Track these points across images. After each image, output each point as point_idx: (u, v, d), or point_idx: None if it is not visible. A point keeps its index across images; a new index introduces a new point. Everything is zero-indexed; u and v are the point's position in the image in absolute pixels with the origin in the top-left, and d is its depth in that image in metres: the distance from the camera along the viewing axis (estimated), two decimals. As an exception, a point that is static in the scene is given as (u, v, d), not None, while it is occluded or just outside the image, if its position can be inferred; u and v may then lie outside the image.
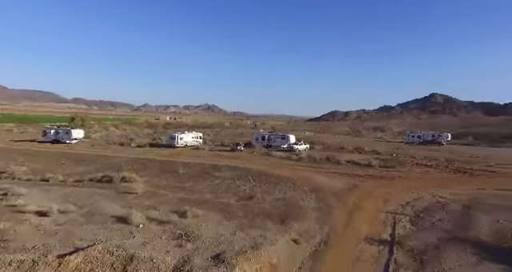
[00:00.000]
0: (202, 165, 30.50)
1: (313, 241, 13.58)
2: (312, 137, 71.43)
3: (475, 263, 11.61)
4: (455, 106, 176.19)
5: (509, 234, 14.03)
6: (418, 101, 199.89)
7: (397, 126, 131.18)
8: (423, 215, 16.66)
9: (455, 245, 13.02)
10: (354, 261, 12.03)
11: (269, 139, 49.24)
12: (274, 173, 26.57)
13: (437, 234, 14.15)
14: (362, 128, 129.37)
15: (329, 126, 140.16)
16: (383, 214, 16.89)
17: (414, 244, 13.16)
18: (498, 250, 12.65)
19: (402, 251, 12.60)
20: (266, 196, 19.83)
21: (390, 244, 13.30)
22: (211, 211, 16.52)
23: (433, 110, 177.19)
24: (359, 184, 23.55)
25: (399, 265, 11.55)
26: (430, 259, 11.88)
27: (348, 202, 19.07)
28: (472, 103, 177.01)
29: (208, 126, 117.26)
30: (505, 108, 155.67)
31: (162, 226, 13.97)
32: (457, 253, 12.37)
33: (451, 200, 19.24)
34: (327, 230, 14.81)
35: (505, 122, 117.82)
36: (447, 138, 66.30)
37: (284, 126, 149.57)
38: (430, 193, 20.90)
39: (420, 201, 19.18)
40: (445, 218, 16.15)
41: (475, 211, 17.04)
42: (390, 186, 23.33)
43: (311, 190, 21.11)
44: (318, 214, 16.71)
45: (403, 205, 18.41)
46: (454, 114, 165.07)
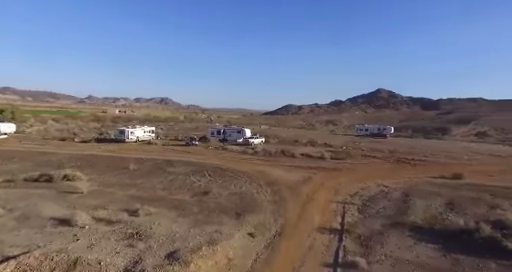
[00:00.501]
0: (155, 160, 29.32)
1: (268, 233, 13.83)
2: (267, 130, 72.56)
3: (411, 245, 12.76)
4: (398, 101, 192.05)
5: (439, 216, 15.67)
6: (365, 96, 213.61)
7: (347, 120, 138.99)
8: (369, 204, 17.87)
9: (396, 229, 14.19)
10: (307, 250, 12.50)
11: (224, 133, 48.95)
12: (229, 167, 26.50)
13: (381, 221, 15.28)
14: (315, 121, 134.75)
15: (284, 120, 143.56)
16: (334, 205, 17.78)
17: (360, 231, 14.06)
18: (431, 231, 14.04)
19: (350, 238, 13.39)
20: (222, 191, 19.70)
21: (339, 232, 14.07)
22: (165, 208, 15.95)
23: (378, 104, 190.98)
24: (312, 176, 24.49)
25: (348, 251, 12.26)
26: (374, 244, 12.80)
27: (302, 194, 19.73)
28: (412, 98, 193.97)
29: (161, 119, 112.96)
30: (437, 103, 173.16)
31: (110, 227, 13.15)
32: (397, 237, 13.49)
33: (393, 188, 20.91)
34: (282, 222, 15.18)
35: (437, 117, 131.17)
36: (390, 131, 71.81)
37: (240, 119, 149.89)
38: (376, 182, 22.48)
39: (367, 190, 20.54)
40: (387, 206, 17.50)
41: (413, 198, 18.72)
42: (341, 177, 24.63)
43: (267, 184, 21.45)
44: (273, 207, 17.04)
45: (352, 195, 19.56)
46: (396, 108, 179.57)
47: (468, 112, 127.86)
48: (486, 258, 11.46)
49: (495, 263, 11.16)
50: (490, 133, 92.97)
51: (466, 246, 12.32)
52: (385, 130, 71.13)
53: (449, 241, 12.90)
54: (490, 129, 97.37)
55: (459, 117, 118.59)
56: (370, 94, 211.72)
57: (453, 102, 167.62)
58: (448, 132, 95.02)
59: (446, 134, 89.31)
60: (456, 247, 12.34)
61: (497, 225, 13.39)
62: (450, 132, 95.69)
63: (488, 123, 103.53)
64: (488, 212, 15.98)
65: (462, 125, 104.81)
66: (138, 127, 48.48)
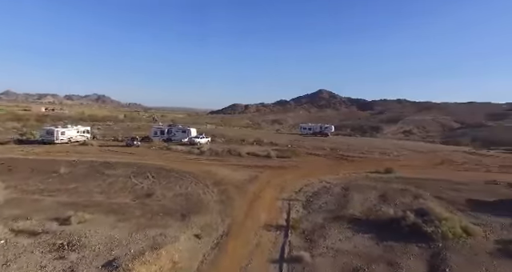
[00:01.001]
0: (91, 162, 26.94)
1: (215, 233, 13.62)
2: (214, 130, 71.79)
3: (350, 236, 13.67)
4: (338, 102, 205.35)
5: (373, 208, 17.06)
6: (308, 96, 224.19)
7: (292, 119, 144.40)
8: (313, 199, 18.71)
9: (336, 223, 15.06)
10: (254, 248, 12.60)
11: (169, 133, 47.13)
12: (174, 167, 25.55)
13: (323, 215, 16.09)
14: (261, 121, 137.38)
15: (230, 119, 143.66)
16: (280, 202, 18.23)
17: (305, 226, 14.64)
18: (367, 222, 15.20)
19: (295, 234, 13.85)
20: (167, 192, 18.89)
21: (285, 228, 14.46)
22: (102, 214, 14.73)
23: (320, 104, 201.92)
24: (259, 175, 24.82)
25: (293, 246, 12.65)
26: (317, 238, 13.42)
27: (248, 192, 19.85)
28: (350, 99, 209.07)
29: (98, 118, 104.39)
30: (371, 104, 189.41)
31: (34, 239, 11.70)
32: (337, 229, 14.33)
33: (334, 184, 22.19)
34: (229, 221, 15.08)
35: (371, 116, 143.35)
36: (331, 129, 76.25)
37: (185, 119, 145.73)
38: (319, 179, 23.63)
39: (310, 187, 21.47)
40: (329, 200, 18.51)
41: (351, 192, 20.08)
42: (286, 174, 25.38)
43: (213, 184, 21.15)
44: (220, 207, 16.85)
45: (297, 191, 20.28)
46: (336, 108, 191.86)
47: (396, 112, 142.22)
48: (411, 243, 12.77)
49: (417, 247, 12.50)
50: (414, 131, 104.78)
51: (396, 234, 13.58)
52: (326, 128, 75.28)
53: (381, 230, 14.10)
54: (413, 127, 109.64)
55: (389, 117, 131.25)
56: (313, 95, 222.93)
57: (384, 103, 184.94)
58: (380, 130, 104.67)
59: (378, 133, 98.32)
60: (387, 235, 13.53)
61: (419, 213, 15.00)
62: (382, 130, 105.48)
63: (412, 123, 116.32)
64: (412, 202, 17.82)
65: (392, 124, 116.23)
66: (70, 127, 44.06)
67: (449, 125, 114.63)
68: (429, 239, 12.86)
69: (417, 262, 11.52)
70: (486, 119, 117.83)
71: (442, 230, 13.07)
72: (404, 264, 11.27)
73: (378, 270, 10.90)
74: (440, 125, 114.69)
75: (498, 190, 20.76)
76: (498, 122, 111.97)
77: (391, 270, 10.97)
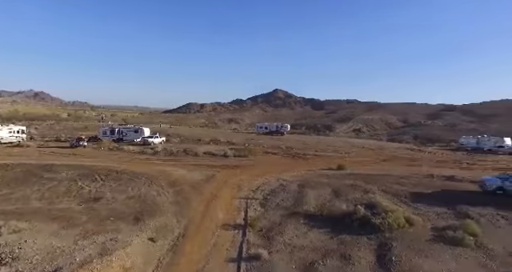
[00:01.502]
0: (28, 165, 24.37)
1: (171, 236, 13.15)
2: (168, 129, 69.45)
3: (306, 232, 14.09)
4: (293, 101, 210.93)
5: (327, 204, 17.77)
6: (264, 95, 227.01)
7: (249, 118, 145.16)
8: (270, 197, 18.94)
9: (293, 219, 15.42)
10: (212, 248, 12.39)
11: (119, 133, 44.56)
12: (126, 169, 24.16)
13: (280, 212, 16.37)
14: (217, 120, 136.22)
15: (185, 118, 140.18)
16: (237, 201, 18.17)
17: (262, 224, 14.75)
18: (321, 218, 15.78)
19: (253, 232, 13.89)
20: (118, 195, 17.78)
21: (243, 227, 14.44)
22: (41, 222, 13.37)
23: (276, 103, 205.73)
24: (216, 174, 24.50)
25: (251, 244, 12.68)
26: (274, 235, 13.61)
27: (205, 192, 19.49)
28: (304, 99, 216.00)
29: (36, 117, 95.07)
30: (324, 104, 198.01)
31: (-43, 254, 10.20)
32: (294, 225, 14.68)
33: (290, 181, 22.69)
34: (185, 222, 14.65)
35: (324, 116, 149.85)
36: (287, 128, 78.14)
37: (138, 118, 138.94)
38: (275, 177, 24.01)
39: (267, 185, 21.72)
40: (286, 198, 18.88)
41: (306, 189, 20.69)
42: (244, 173, 25.39)
43: (169, 184, 20.40)
44: (175, 208, 16.29)
45: (254, 190, 20.37)
46: (292, 107, 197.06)
47: (347, 112, 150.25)
48: (362, 235, 13.54)
49: (367, 238, 13.28)
50: (364, 129, 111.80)
51: (348, 227, 14.28)
52: (282, 127, 76.97)
53: (335, 224, 14.73)
54: (363, 126, 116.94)
55: (341, 116, 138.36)
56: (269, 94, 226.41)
57: (336, 103, 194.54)
58: (333, 129, 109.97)
59: (331, 131, 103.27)
60: (340, 229, 14.18)
61: (369, 206, 15.97)
62: (335, 129, 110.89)
63: (361, 122, 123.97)
64: (363, 196, 18.90)
65: (343, 123, 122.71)
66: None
67: (393, 123, 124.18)
68: (377, 230, 13.72)
69: (366, 252, 12.22)
70: (424, 119, 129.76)
71: (389, 221, 14.03)
72: (355, 255, 11.88)
73: (332, 263, 11.36)
74: (386, 123, 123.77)
75: (434, 182, 22.87)
76: (434, 121, 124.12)
77: (344, 261, 11.51)
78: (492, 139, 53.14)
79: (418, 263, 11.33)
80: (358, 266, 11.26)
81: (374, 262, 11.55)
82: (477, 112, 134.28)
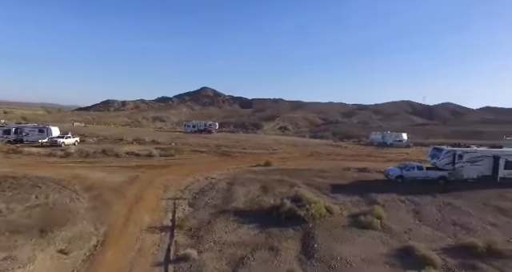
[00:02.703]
0: None
1: (87, 245, 11.80)
2: (83, 128, 62.55)
3: (235, 228, 14.21)
4: (221, 99, 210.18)
5: (256, 199, 18.22)
6: (191, 93, 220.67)
7: (175, 117, 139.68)
8: (199, 196, 18.52)
9: (223, 217, 15.37)
10: (136, 254, 11.55)
11: (18, 132, 38.17)
12: (28, 174, 20.74)
13: (209, 211, 16.15)
14: (141, 118, 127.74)
15: (104, 117, 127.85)
16: (164, 202, 17.30)
17: (191, 224, 14.34)
18: (250, 213, 16.11)
19: (181, 232, 13.39)
20: (15, 205, 15.13)
21: (170, 228, 13.80)
22: None
23: (204, 102, 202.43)
24: (140, 175, 22.92)
25: (179, 246, 12.20)
26: (204, 234, 13.37)
27: (129, 195, 18.05)
28: (232, 97, 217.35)
29: None
30: (251, 102, 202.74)
31: None
32: (224, 223, 14.65)
33: (219, 179, 22.57)
34: (105, 229, 13.33)
35: (252, 114, 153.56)
36: (216, 127, 77.75)
37: (44, 116, 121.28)
38: (204, 175, 23.58)
39: (196, 184, 21.19)
40: (215, 196, 18.71)
41: (235, 186, 20.86)
42: (171, 173, 24.31)
43: (84, 189, 18.26)
44: (93, 214, 14.69)
45: (182, 190, 19.67)
46: (220, 106, 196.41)
47: (273, 110, 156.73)
48: (288, 227, 14.26)
49: (293, 229, 14.06)
50: (289, 127, 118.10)
51: (276, 220, 14.87)
52: (210, 126, 76.30)
53: (264, 218, 15.19)
54: (288, 124, 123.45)
55: (268, 114, 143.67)
56: (196, 92, 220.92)
57: (263, 102, 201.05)
58: (261, 127, 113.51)
59: (259, 129, 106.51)
60: (269, 223, 14.68)
61: (294, 199, 16.90)
62: (262, 127, 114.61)
63: (287, 120, 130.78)
64: (289, 190, 19.88)
65: (270, 121, 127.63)
66: None
67: (315, 121, 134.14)
68: (302, 221, 14.62)
69: (293, 242, 12.91)
70: (341, 117, 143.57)
71: (312, 212, 15.08)
72: (282, 247, 12.44)
73: (261, 256, 11.67)
74: (309, 121, 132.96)
75: (350, 174, 25.43)
76: (350, 119, 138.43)
77: (272, 253, 11.94)
78: (393, 135, 61.71)
79: (337, 247, 12.43)
80: (284, 256, 11.80)
81: (299, 251, 12.26)
82: (383, 111, 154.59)
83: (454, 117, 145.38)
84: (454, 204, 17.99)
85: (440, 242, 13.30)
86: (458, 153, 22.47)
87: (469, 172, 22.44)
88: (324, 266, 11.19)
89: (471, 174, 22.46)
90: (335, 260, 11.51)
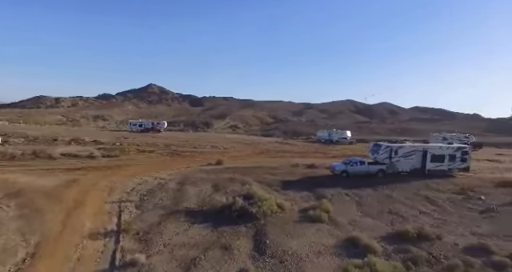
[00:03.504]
0: None
1: (12, 260, 10.44)
2: (7, 127, 55.58)
3: (186, 229, 13.80)
4: (169, 97, 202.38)
5: (208, 198, 17.93)
6: (136, 90, 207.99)
7: (119, 115, 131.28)
8: (147, 198, 17.61)
9: (173, 218, 14.82)
10: (76, 264, 10.56)
11: None
12: None
13: (159, 212, 15.44)
14: (80, 117, 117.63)
15: (34, 115, 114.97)
16: (109, 205, 16.13)
17: (139, 227, 13.57)
18: (202, 213, 15.80)
19: (128, 237, 12.59)
20: None
21: (116, 233, 12.90)
22: None
23: (151, 99, 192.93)
24: (80, 178, 21.07)
25: (126, 251, 11.45)
26: (153, 236, 12.74)
27: (66, 200, 16.44)
28: (182, 95, 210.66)
29: None
30: (202, 100, 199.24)
31: None
32: (174, 224, 14.13)
33: (169, 180, 21.75)
34: (37, 239, 11.95)
35: (202, 112, 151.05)
36: (164, 125, 74.89)
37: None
38: (153, 176, 22.53)
39: (144, 185, 20.14)
40: (165, 197, 17.97)
41: (186, 185, 20.28)
42: (116, 175, 22.79)
43: (8, 196, 16.16)
44: (20, 224, 13.07)
45: (129, 192, 18.53)
46: (168, 104, 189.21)
47: (224, 108, 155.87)
48: (240, 225, 14.26)
49: (245, 227, 14.10)
50: (240, 126, 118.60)
51: (228, 219, 14.76)
52: (158, 124, 73.32)
53: (216, 217, 14.99)
54: (239, 122, 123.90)
55: (218, 112, 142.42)
56: (142, 89, 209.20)
57: (213, 100, 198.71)
58: (211, 125, 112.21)
59: (209, 128, 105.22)
60: (221, 221, 14.52)
61: (246, 197, 16.96)
62: (213, 125, 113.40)
63: (238, 118, 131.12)
64: (241, 188, 19.91)
65: (221, 119, 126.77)
66: None
67: (265, 120, 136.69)
68: (254, 219, 14.72)
69: (245, 240, 12.94)
70: (290, 115, 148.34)
71: (263, 209, 15.28)
72: (235, 245, 12.39)
73: (213, 256, 11.48)
74: (259, 120, 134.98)
75: (299, 171, 26.36)
76: (298, 117, 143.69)
77: (224, 252, 11.82)
78: (338, 132, 65.60)
79: (288, 242, 12.77)
80: (237, 254, 11.77)
81: (252, 248, 12.33)
82: (329, 110, 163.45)
83: (390, 115, 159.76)
84: (390, 195, 19.69)
85: (379, 231, 14.42)
86: (394, 148, 24.63)
87: (403, 165, 24.75)
88: (276, 261, 11.40)
89: (405, 167, 24.80)
90: (287, 254, 11.80)
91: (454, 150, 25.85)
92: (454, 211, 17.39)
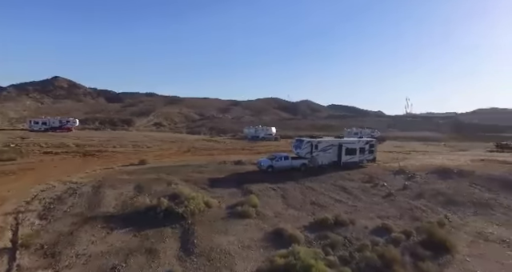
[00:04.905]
0: None
1: None
2: None
3: (105, 236, 12.53)
4: (81, 92, 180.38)
5: (130, 201, 16.59)
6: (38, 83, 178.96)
7: (15, 112, 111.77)
8: (54, 206, 15.40)
9: (88, 225, 13.28)
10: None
11: None
12: None
13: (70, 221, 13.65)
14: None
15: None
16: (0, 218, 13.56)
17: (44, 240, 11.78)
18: (123, 217, 14.52)
19: (28, 252, 10.81)
20: None
21: (11, 251, 10.92)
22: None
23: (57, 94, 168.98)
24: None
25: (24, 269, 9.81)
26: (62, 248, 11.21)
27: None
28: (97, 90, 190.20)
29: None
30: (121, 96, 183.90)
31: None
32: (90, 232, 12.68)
33: (83, 183, 19.38)
34: None
35: (122, 109, 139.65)
36: (75, 123, 66.90)
37: None
38: (62, 180, 19.84)
39: (50, 191, 17.57)
40: (77, 203, 15.98)
41: (104, 188, 18.39)
42: (12, 182, 19.36)
43: None
44: None
45: (29, 201, 15.89)
46: (80, 99, 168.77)
47: (147, 105, 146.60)
48: (166, 226, 13.58)
49: (171, 228, 13.49)
50: (164, 123, 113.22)
51: (153, 221, 13.90)
52: (68, 122, 65.22)
53: (139, 221, 13.95)
54: (163, 120, 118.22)
55: (141, 109, 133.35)
56: (45, 82, 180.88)
57: (134, 96, 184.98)
58: (132, 123, 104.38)
59: (131, 126, 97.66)
60: (144, 224, 13.58)
61: (172, 197, 16.26)
62: (134, 123, 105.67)
63: (162, 115, 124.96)
64: (166, 188, 18.96)
65: (143, 117, 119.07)
66: None
67: (192, 117, 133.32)
68: (181, 219, 14.18)
69: (171, 241, 12.37)
70: (216, 112, 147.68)
71: (191, 208, 14.84)
72: (161, 247, 11.74)
73: (136, 261, 10.68)
74: (185, 117, 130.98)
75: (226, 168, 26.39)
76: (225, 114, 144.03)
77: (149, 256, 11.10)
78: (264, 129, 67.96)
79: (217, 239, 12.66)
80: (163, 256, 11.18)
81: (179, 249, 11.84)
82: (254, 107, 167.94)
83: (311, 112, 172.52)
84: (312, 187, 21.21)
85: (303, 221, 15.40)
86: (314, 143, 26.57)
87: (322, 159, 26.90)
88: (204, 259, 11.19)
89: (324, 160, 27.01)
90: (215, 252, 11.68)
91: (364, 143, 29.21)
92: (364, 198, 19.65)
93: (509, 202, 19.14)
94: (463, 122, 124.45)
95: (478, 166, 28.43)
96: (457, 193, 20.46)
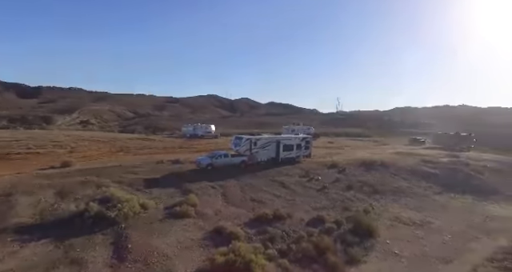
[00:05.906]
0: None
1: None
2: None
3: (17, 250, 11.03)
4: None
5: (50, 208, 14.76)
6: None
7: None
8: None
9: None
10: None
11: None
12: None
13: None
14: None
15: None
16: None
17: None
18: (42, 226, 12.88)
19: None
20: None
21: None
22: None
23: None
24: None
25: None
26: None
27: None
28: (5, 83, 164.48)
29: None
30: (38, 91, 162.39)
31: None
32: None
33: (8, 192, 16.51)
34: None
35: (39, 105, 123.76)
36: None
37: None
38: (-42, 188, 16.68)
39: None
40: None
41: (16, 196, 15.96)
42: None
43: None
44: None
45: None
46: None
47: (71, 101, 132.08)
48: (96, 233, 12.44)
49: (102, 234, 12.46)
50: (92, 121, 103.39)
51: (79, 229, 12.60)
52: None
53: (62, 229, 12.53)
54: (91, 118, 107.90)
55: (63, 106, 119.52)
56: None
57: (55, 91, 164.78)
58: (53, 121, 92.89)
59: (51, 124, 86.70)
60: (70, 233, 12.24)
61: (103, 201, 14.98)
62: (56, 121, 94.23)
63: (89, 113, 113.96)
64: (96, 192, 17.34)
65: (67, 114, 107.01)
66: None
67: (124, 115, 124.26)
68: (113, 223, 13.12)
69: (102, 249, 11.39)
70: (152, 110, 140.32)
71: (124, 211, 13.84)
72: (89, 256, 10.74)
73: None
74: (117, 115, 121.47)
75: (164, 167, 25.21)
76: (161, 112, 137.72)
77: (75, 268, 10.06)
78: (203, 126, 66.76)
79: (154, 242, 12.04)
80: (92, 266, 10.24)
81: (110, 257, 10.95)
82: (193, 104, 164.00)
83: (250, 110, 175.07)
84: (251, 183, 21.54)
85: (243, 217, 15.56)
86: (253, 140, 27.01)
87: (261, 156, 27.50)
88: (141, 264, 10.55)
89: (263, 157, 27.64)
90: (152, 256, 11.10)
91: (300, 139, 30.69)
92: (300, 192, 20.68)
93: (418, 189, 22.13)
94: (385, 119, 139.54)
95: (396, 158, 32.17)
96: (379, 183, 22.89)
